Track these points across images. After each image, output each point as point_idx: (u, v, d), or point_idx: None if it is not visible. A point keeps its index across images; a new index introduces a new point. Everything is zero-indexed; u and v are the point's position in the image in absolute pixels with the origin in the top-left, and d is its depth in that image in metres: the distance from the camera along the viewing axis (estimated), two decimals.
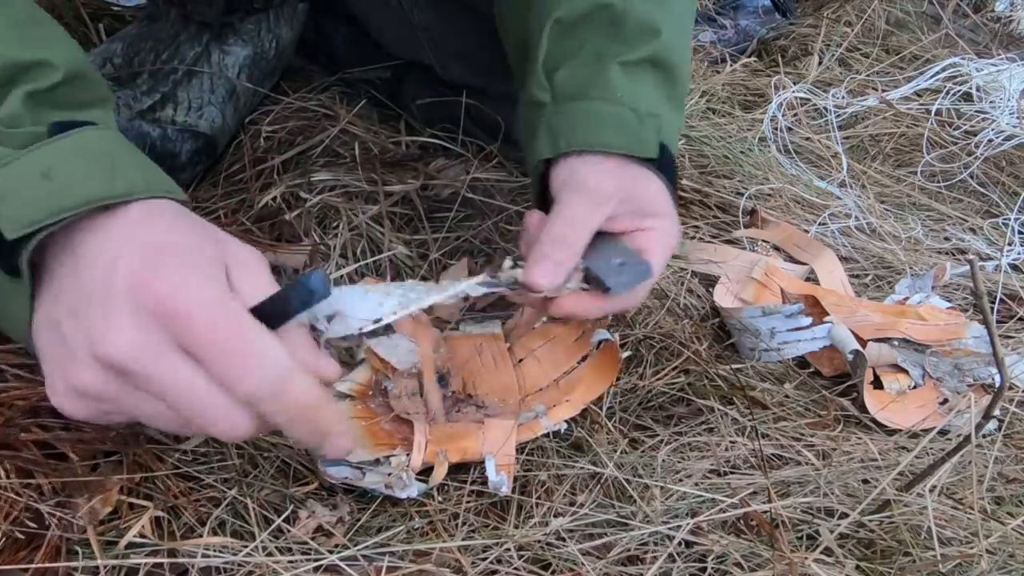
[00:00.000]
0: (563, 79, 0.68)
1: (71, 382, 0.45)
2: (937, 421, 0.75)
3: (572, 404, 0.69)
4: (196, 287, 0.43)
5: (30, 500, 0.53)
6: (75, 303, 0.45)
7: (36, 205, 0.45)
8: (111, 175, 0.47)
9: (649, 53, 0.68)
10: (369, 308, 0.52)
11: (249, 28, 0.94)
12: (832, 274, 0.94)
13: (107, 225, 0.46)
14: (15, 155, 0.46)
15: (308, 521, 0.57)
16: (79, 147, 0.48)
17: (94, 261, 0.45)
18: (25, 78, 0.49)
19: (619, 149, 0.65)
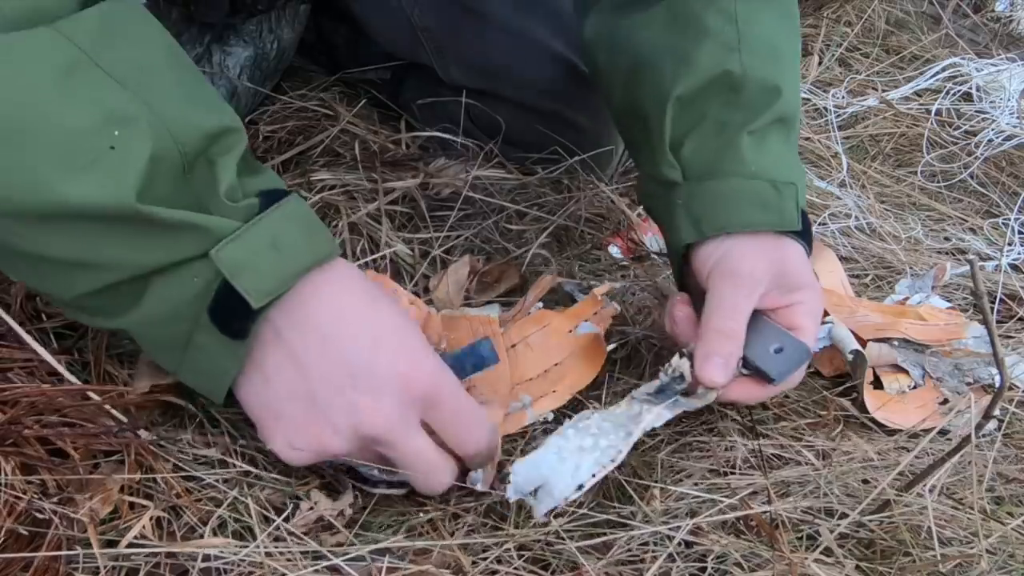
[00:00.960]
0: (691, 154, 0.68)
1: (323, 447, 0.54)
2: (937, 421, 0.75)
3: (558, 395, 0.68)
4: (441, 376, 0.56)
5: (33, 497, 0.53)
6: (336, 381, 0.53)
7: (273, 275, 0.51)
8: (312, 241, 0.54)
9: (774, 114, 0.68)
10: (568, 473, 0.57)
11: (251, 29, 0.94)
12: (832, 274, 0.94)
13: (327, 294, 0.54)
14: (244, 228, 0.50)
15: (309, 513, 0.57)
16: (290, 216, 0.53)
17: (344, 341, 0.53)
18: (221, 146, 0.51)
19: (765, 227, 0.65)
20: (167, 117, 0.48)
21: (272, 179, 0.55)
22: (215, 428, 0.63)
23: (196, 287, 0.50)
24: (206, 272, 0.50)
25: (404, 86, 1.03)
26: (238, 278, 0.49)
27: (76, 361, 0.63)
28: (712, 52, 0.68)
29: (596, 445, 0.59)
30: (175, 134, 0.48)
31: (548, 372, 0.71)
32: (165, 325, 0.52)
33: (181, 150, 0.49)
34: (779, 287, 0.65)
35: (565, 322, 0.73)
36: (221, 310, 0.50)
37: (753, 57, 0.67)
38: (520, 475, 0.57)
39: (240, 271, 0.49)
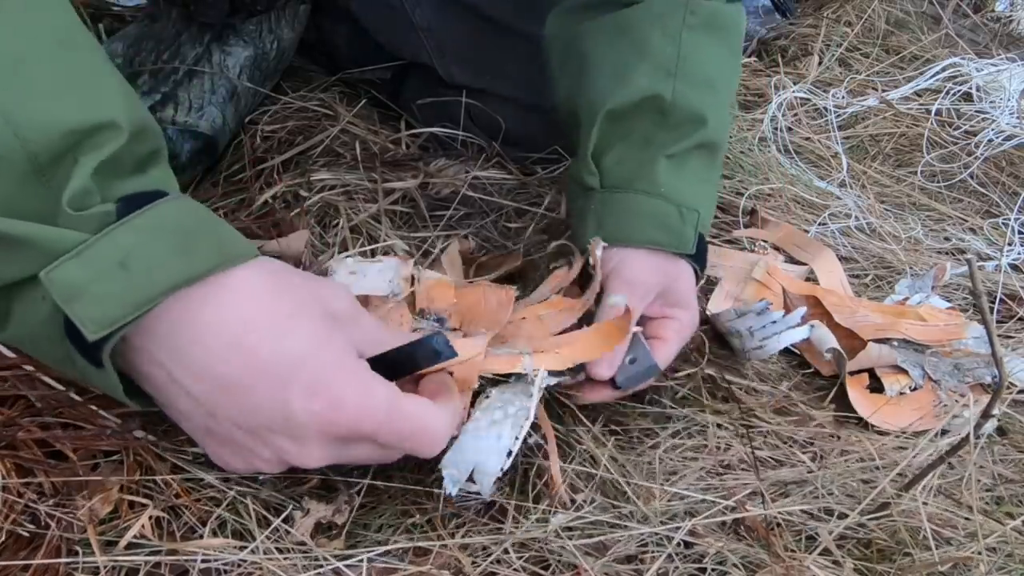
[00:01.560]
0: (611, 165, 0.73)
1: (257, 468, 0.51)
2: (932, 423, 0.75)
3: (560, 357, 0.64)
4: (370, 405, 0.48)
5: (31, 500, 0.53)
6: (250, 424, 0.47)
7: (116, 300, 0.43)
8: (189, 253, 0.45)
9: (696, 141, 0.72)
10: (493, 446, 0.57)
11: (250, 29, 0.94)
12: (832, 274, 0.94)
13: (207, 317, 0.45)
14: (87, 243, 0.43)
15: (305, 519, 0.57)
16: (153, 225, 0.45)
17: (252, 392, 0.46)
18: (89, 144, 0.44)
19: (661, 247, 0.70)
20: (17, 114, 0.42)
21: (157, 178, 0.48)
22: None
23: (45, 310, 0.44)
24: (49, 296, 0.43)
25: (404, 86, 1.03)
26: (71, 304, 0.42)
27: None
28: (648, 73, 0.72)
29: (506, 414, 0.59)
30: (21, 132, 0.42)
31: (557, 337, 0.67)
32: (41, 345, 0.46)
33: (28, 149, 0.42)
34: (662, 301, 0.71)
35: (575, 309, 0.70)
36: (73, 336, 0.44)
37: (686, 85, 0.72)
38: (450, 467, 0.56)
39: (74, 297, 0.42)
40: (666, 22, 0.73)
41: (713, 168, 0.77)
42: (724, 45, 0.76)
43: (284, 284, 0.49)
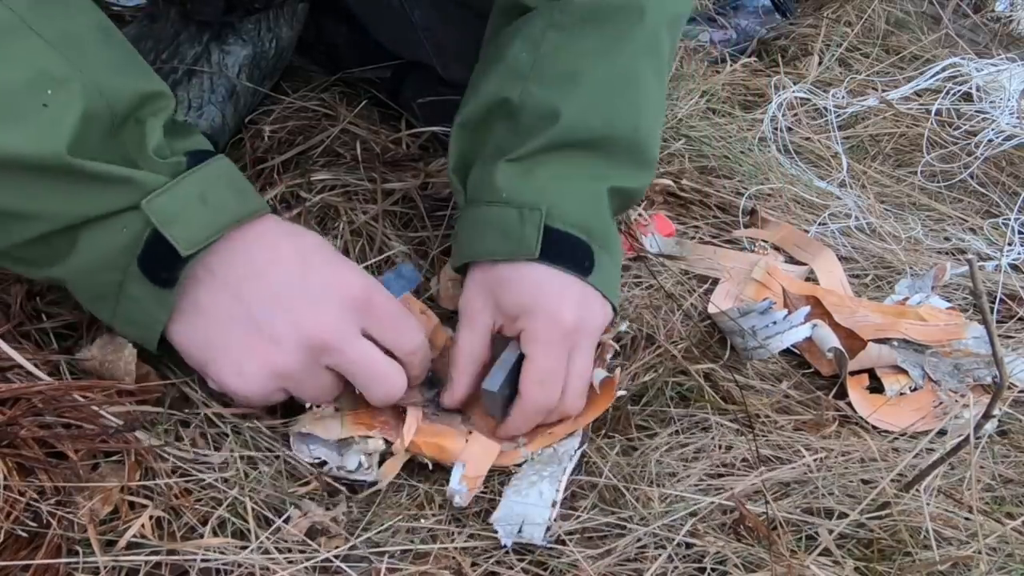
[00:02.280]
0: (471, 181, 0.71)
1: (273, 366, 0.57)
2: (932, 423, 0.75)
3: (553, 436, 0.68)
4: (371, 284, 0.61)
5: (31, 499, 0.53)
6: (274, 299, 0.57)
7: (202, 226, 0.55)
8: (241, 197, 0.58)
9: (547, 140, 0.67)
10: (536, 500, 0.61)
11: (249, 28, 0.94)
12: (831, 274, 0.94)
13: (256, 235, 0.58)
14: (173, 182, 0.54)
15: (301, 521, 0.57)
16: (218, 174, 0.57)
17: (277, 266, 0.58)
18: (151, 108, 0.56)
19: (499, 256, 0.67)
20: (99, 79, 0.52)
21: (200, 142, 0.59)
22: (215, 428, 0.63)
23: (126, 237, 0.53)
24: (135, 223, 0.53)
25: (404, 85, 1.02)
26: (168, 227, 0.53)
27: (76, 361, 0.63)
28: (497, 79, 0.70)
29: (541, 477, 0.63)
30: (106, 94, 0.52)
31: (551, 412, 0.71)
32: (96, 275, 0.55)
33: (112, 110, 0.53)
34: (504, 317, 0.67)
35: None
36: (150, 259, 0.54)
37: (539, 85, 0.68)
38: (502, 524, 0.60)
39: (170, 221, 0.53)
40: (531, 24, 0.70)
41: (590, 164, 0.69)
42: (602, 35, 0.70)
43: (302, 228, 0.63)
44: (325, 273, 0.59)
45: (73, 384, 0.59)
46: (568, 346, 0.66)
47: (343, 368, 0.60)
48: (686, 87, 1.24)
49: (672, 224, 0.95)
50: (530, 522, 0.59)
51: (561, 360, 0.66)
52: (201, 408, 0.63)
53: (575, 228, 0.67)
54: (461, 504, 0.61)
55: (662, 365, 0.76)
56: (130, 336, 0.60)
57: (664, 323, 0.81)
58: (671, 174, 1.03)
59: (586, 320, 0.67)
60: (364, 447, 0.63)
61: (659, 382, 0.75)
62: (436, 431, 0.65)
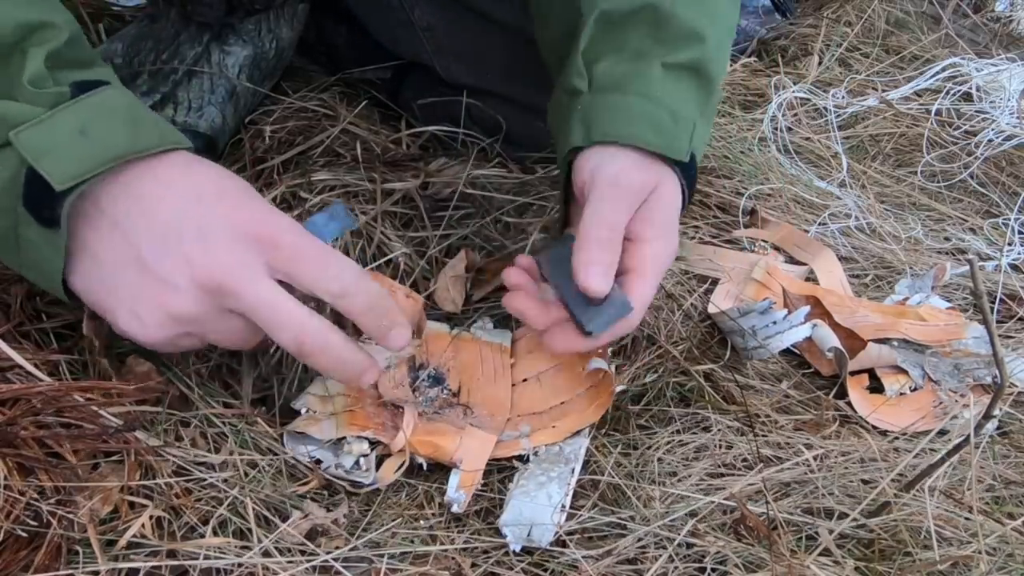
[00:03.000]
0: (603, 70, 0.67)
1: (168, 309, 0.52)
2: (932, 423, 0.75)
3: (558, 431, 0.69)
4: (276, 217, 0.54)
5: (31, 499, 0.53)
6: (163, 238, 0.52)
7: (79, 159, 0.50)
8: (135, 131, 0.53)
9: (692, 58, 0.67)
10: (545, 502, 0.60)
11: (249, 28, 0.94)
12: (831, 274, 0.94)
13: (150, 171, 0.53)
14: (49, 114, 0.50)
15: (302, 522, 0.57)
16: (104, 105, 0.52)
17: (168, 202, 0.52)
18: (36, 38, 0.52)
19: (653, 147, 0.63)
20: None
21: (99, 74, 0.55)
22: (214, 428, 0.63)
23: (5, 176, 0.50)
24: (11, 160, 0.50)
25: (404, 85, 1.02)
26: (40, 161, 0.49)
27: (76, 361, 0.63)
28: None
29: (550, 478, 0.63)
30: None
31: (553, 408, 0.71)
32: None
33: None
34: (642, 217, 0.63)
35: (578, 359, 0.74)
36: (32, 198, 0.50)
37: (684, 3, 0.67)
38: (510, 527, 0.60)
39: (43, 155, 0.49)
40: None
41: (709, 101, 0.70)
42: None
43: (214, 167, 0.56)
44: (222, 207, 0.53)
45: (73, 384, 0.59)
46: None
47: (246, 313, 0.53)
48: None
49: None
50: (539, 525, 0.59)
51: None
52: (201, 408, 0.63)
53: (698, 160, 0.68)
54: (459, 511, 0.61)
55: (663, 365, 0.76)
56: (40, 284, 0.56)
57: (665, 323, 0.81)
58: None
59: None
60: (351, 448, 0.63)
61: (660, 382, 0.75)
62: (430, 429, 0.65)
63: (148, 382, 0.62)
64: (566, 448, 0.67)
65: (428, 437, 0.64)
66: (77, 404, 0.58)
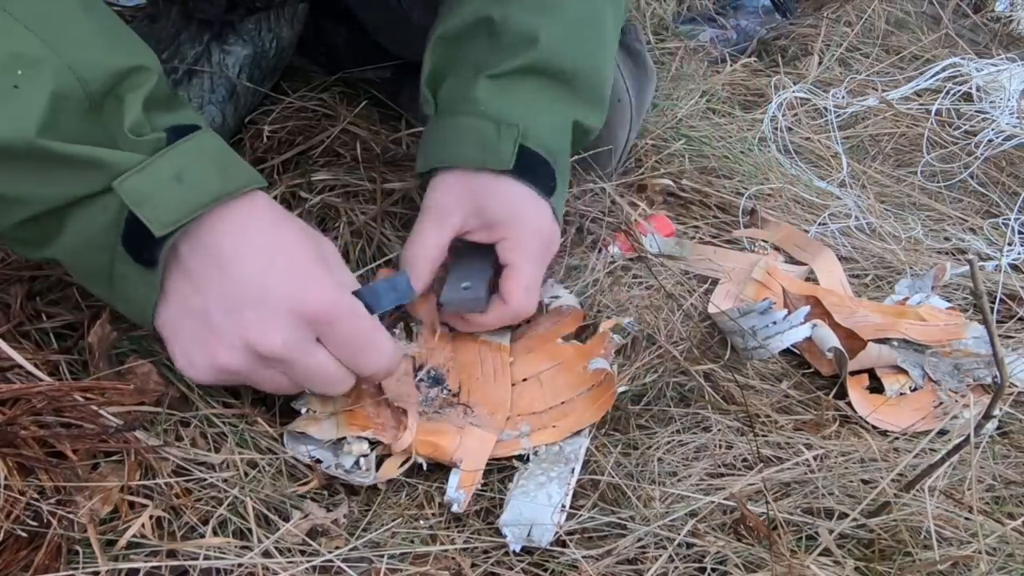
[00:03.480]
0: (443, 94, 0.74)
1: (217, 361, 0.56)
2: (932, 424, 0.75)
3: (558, 431, 0.69)
4: (337, 297, 0.57)
5: (31, 499, 0.53)
6: (229, 300, 0.55)
7: (176, 206, 0.53)
8: (225, 173, 0.56)
9: (525, 63, 0.71)
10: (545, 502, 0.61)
11: (249, 27, 0.94)
12: (831, 274, 0.94)
13: (231, 222, 0.55)
14: (149, 161, 0.53)
15: (302, 522, 0.57)
16: (198, 150, 0.55)
17: (240, 263, 0.55)
18: (130, 84, 0.54)
19: (471, 163, 0.70)
20: (72, 58, 0.51)
21: (187, 117, 0.57)
22: (214, 428, 0.63)
23: (107, 219, 0.53)
24: (114, 204, 0.53)
25: (404, 85, 1.02)
26: (140, 208, 0.52)
27: (76, 361, 0.63)
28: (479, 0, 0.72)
29: (549, 478, 0.63)
30: (79, 73, 0.51)
31: (554, 408, 0.71)
32: (87, 255, 0.55)
33: (86, 88, 0.51)
34: (482, 224, 0.71)
35: (579, 358, 0.74)
36: (132, 240, 0.53)
37: (520, 8, 0.71)
38: (510, 527, 0.60)
39: (143, 202, 0.52)
40: None
41: (559, 95, 0.73)
42: None
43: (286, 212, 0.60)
44: (286, 281, 0.56)
45: (73, 384, 0.59)
46: (543, 255, 0.72)
47: (293, 377, 0.58)
48: (686, 87, 1.24)
49: (672, 224, 0.95)
50: (539, 525, 0.59)
51: (541, 271, 0.71)
52: (201, 408, 0.63)
53: (543, 150, 0.71)
54: (459, 511, 0.61)
55: (663, 365, 0.76)
56: (130, 316, 0.60)
57: (665, 323, 0.81)
58: (671, 174, 1.03)
59: (556, 237, 0.73)
60: (351, 448, 0.63)
61: (660, 382, 0.75)
62: (430, 429, 0.65)
63: (148, 383, 0.62)
64: (566, 448, 0.67)
65: (428, 437, 0.64)
66: (77, 404, 0.58)
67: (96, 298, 0.67)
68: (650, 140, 1.07)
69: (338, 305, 0.57)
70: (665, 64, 1.32)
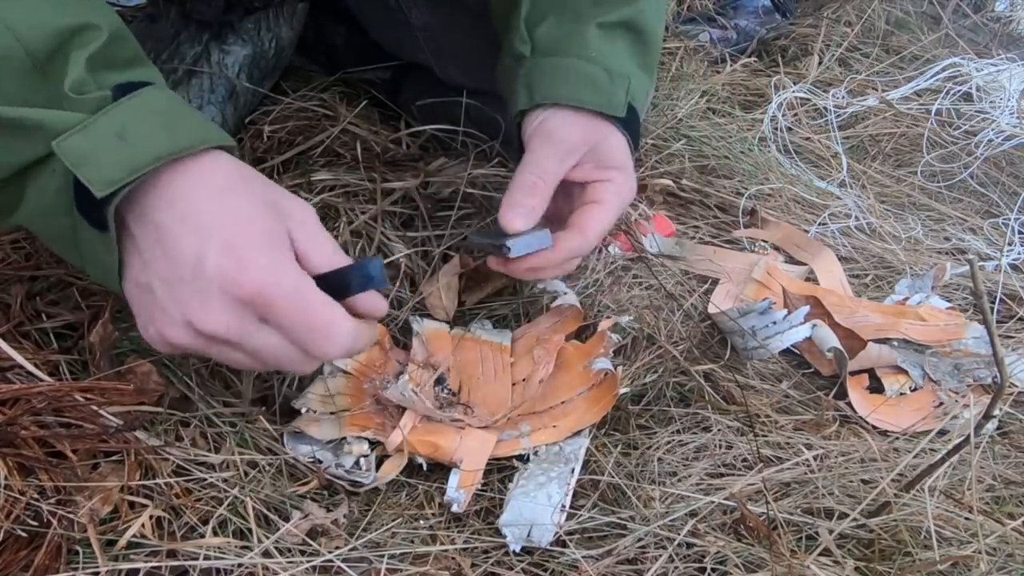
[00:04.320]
0: (543, 34, 0.72)
1: (166, 337, 0.53)
2: (932, 424, 0.75)
3: (558, 431, 0.69)
4: (276, 278, 0.52)
5: (32, 499, 0.53)
6: (167, 277, 0.52)
7: (117, 165, 0.50)
8: (173, 131, 0.52)
9: (625, 16, 0.72)
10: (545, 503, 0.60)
11: (249, 27, 0.94)
12: (831, 274, 0.94)
13: (176, 188, 0.52)
14: (90, 120, 0.50)
15: (302, 522, 0.57)
16: (144, 107, 0.52)
17: (178, 241, 0.51)
18: (77, 42, 0.51)
19: (590, 105, 0.69)
20: (14, 19, 0.50)
21: (142, 74, 0.55)
22: (214, 428, 0.63)
23: (56, 183, 0.51)
24: (60, 167, 0.50)
25: (404, 86, 1.02)
26: (80, 168, 0.50)
27: (76, 361, 0.63)
28: None
29: (549, 478, 0.63)
30: (21, 35, 0.50)
31: (555, 408, 0.71)
32: (49, 219, 0.53)
33: (27, 49, 0.50)
34: (593, 163, 0.70)
35: (579, 357, 0.74)
36: (83, 203, 0.51)
37: None
38: (510, 527, 0.60)
39: (83, 162, 0.50)
40: None
41: (646, 54, 0.75)
42: None
43: (249, 174, 0.55)
44: (222, 261, 0.51)
45: (73, 384, 0.59)
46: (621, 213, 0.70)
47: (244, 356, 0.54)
48: (686, 87, 1.24)
49: (672, 224, 0.95)
50: (539, 525, 0.59)
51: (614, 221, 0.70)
52: (201, 408, 0.63)
53: (640, 111, 0.72)
54: (459, 511, 0.61)
55: (663, 365, 0.76)
56: (102, 282, 0.57)
57: (665, 323, 0.81)
58: (671, 174, 1.03)
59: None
60: (351, 448, 0.63)
61: (660, 382, 0.75)
62: (430, 429, 0.65)
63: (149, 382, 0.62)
64: (566, 448, 0.67)
65: (428, 437, 0.64)
66: (77, 404, 0.58)
67: (96, 298, 0.67)
68: (650, 140, 1.07)
69: (276, 287, 0.52)
70: (665, 64, 1.32)
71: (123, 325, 0.65)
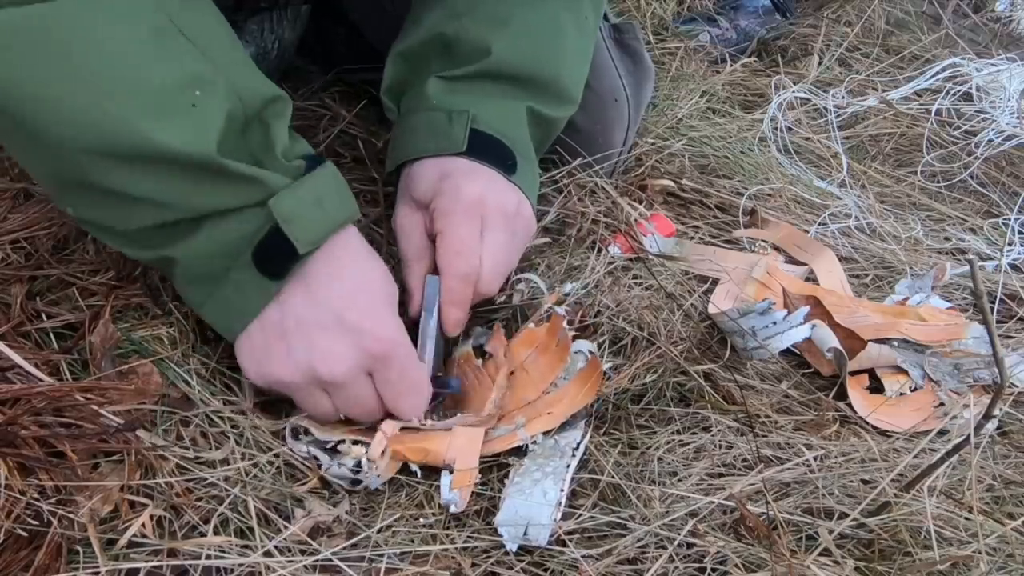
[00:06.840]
0: (405, 100, 0.78)
1: (275, 372, 0.60)
2: (932, 424, 0.75)
3: (553, 417, 0.69)
4: (402, 339, 0.62)
5: (32, 499, 0.53)
6: (305, 319, 0.60)
7: (317, 228, 0.59)
8: (346, 202, 0.62)
9: (478, 69, 0.75)
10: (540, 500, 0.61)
11: (252, 28, 0.94)
12: (831, 274, 0.94)
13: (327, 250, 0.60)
14: (297, 184, 0.58)
15: (304, 520, 0.57)
16: (330, 179, 0.61)
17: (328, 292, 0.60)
18: (273, 111, 0.59)
19: (431, 152, 0.73)
20: (234, 81, 0.57)
21: (308, 146, 0.63)
22: (215, 427, 0.63)
23: (246, 230, 0.58)
24: (258, 219, 0.57)
25: None
26: (288, 225, 0.57)
27: (76, 361, 0.63)
28: (436, 17, 0.78)
29: (544, 474, 0.63)
30: (241, 96, 0.57)
31: (546, 394, 0.71)
32: (207, 260, 0.59)
33: (244, 111, 0.57)
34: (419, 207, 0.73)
35: (549, 338, 0.74)
36: (264, 252, 0.58)
37: (473, 23, 0.76)
38: (506, 527, 0.60)
39: (290, 220, 0.57)
40: None
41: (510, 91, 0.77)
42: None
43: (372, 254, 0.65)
44: (362, 317, 0.60)
45: (74, 384, 0.59)
46: (476, 218, 0.70)
47: (336, 402, 0.62)
48: (686, 87, 1.24)
49: (672, 224, 0.95)
50: (535, 524, 0.59)
51: (472, 230, 0.70)
52: (201, 407, 0.63)
53: (497, 133, 0.75)
54: (457, 511, 0.61)
55: (662, 365, 0.76)
56: (215, 320, 0.62)
57: (665, 323, 0.81)
58: (671, 174, 1.03)
59: (494, 198, 0.72)
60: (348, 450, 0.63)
61: (660, 382, 0.75)
62: (420, 436, 0.65)
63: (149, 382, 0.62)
64: (561, 441, 0.67)
65: (417, 444, 0.64)
66: (77, 404, 0.58)
67: (96, 298, 0.67)
68: (650, 140, 1.07)
69: (401, 347, 0.62)
70: (665, 64, 1.32)
71: (123, 325, 0.65)
